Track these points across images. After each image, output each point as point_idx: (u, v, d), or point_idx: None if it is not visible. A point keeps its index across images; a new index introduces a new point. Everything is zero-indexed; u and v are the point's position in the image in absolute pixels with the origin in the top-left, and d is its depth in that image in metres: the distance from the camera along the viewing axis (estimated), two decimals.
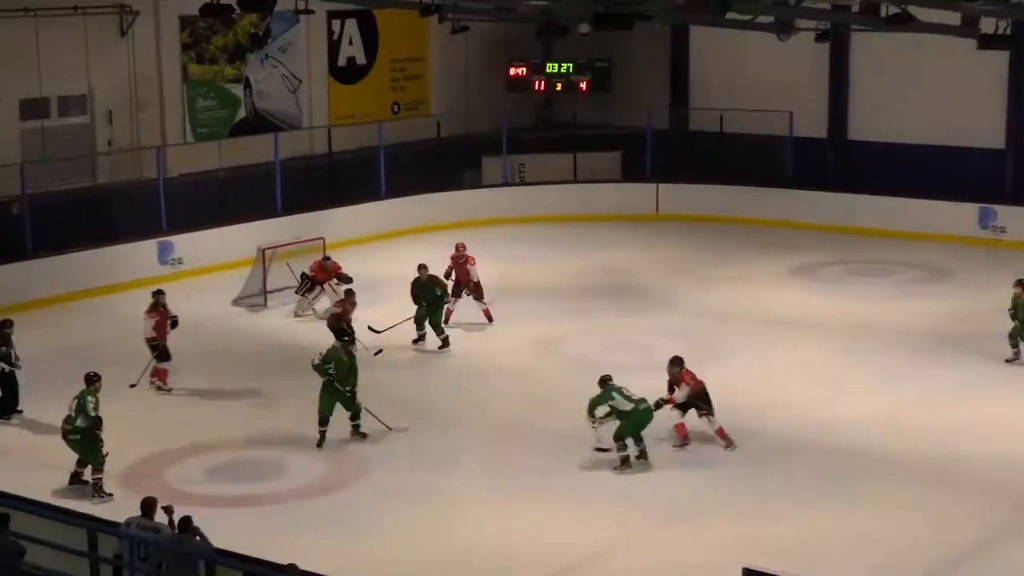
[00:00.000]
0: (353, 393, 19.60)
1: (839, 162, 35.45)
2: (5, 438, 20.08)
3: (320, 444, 19.38)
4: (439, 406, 21.42)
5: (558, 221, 33.31)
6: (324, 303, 26.27)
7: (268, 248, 27.42)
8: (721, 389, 21.51)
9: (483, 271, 25.85)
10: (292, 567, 12.61)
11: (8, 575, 13.03)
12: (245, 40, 33.10)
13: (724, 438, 19.32)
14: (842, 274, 29.48)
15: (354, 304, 23.56)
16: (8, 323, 21.23)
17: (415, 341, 24.58)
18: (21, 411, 20.96)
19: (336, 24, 35.25)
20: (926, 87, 33.95)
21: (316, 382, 21.01)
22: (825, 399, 21.39)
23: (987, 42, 24.35)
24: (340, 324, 23.12)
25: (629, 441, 18.64)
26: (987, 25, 24.31)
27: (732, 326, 25.46)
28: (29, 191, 27.45)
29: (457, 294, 25.12)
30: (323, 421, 19.44)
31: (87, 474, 17.93)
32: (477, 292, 25.34)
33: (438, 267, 25.25)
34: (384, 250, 31.38)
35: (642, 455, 18.79)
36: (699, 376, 19.53)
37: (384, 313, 24.74)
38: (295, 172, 31.97)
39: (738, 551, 14.13)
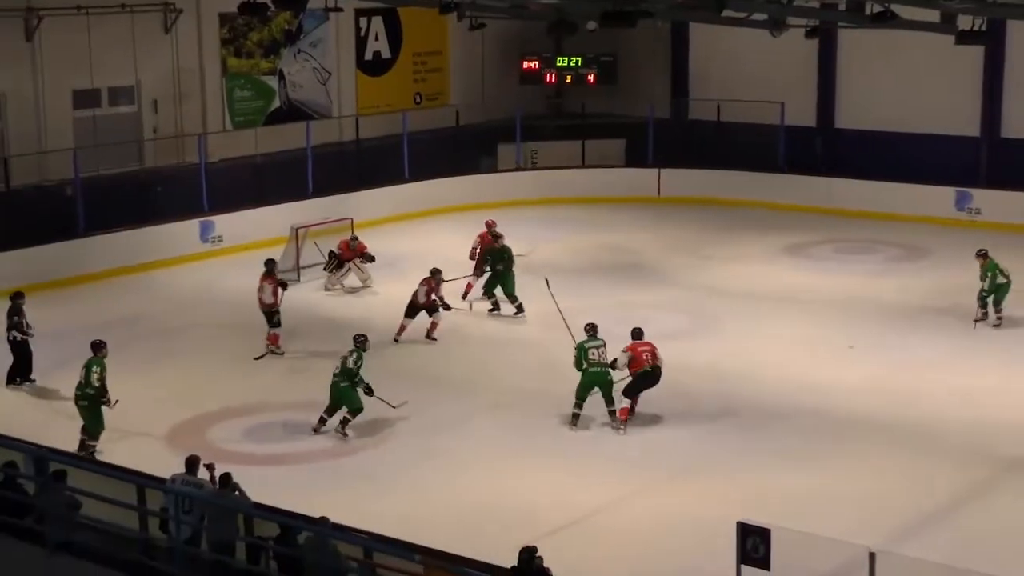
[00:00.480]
0: (369, 389, 18.99)
1: (827, 149, 35.41)
2: (59, 403, 20.16)
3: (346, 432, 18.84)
4: (456, 373, 21.46)
5: (567, 203, 33.32)
6: (352, 280, 26.35)
7: (301, 227, 27.49)
8: (718, 357, 21.75)
9: None
10: (323, 519, 12.69)
11: (65, 526, 13.13)
12: (279, 36, 33.11)
13: (624, 417, 18.82)
14: (830, 252, 29.48)
15: (440, 281, 23.32)
16: (20, 295, 21.19)
17: (490, 311, 24.71)
18: (33, 380, 20.84)
19: (363, 21, 35.23)
20: (907, 79, 33.91)
21: (344, 351, 21.10)
22: (815, 366, 21.42)
23: (964, 38, 24.32)
24: (432, 300, 23.03)
25: (597, 401, 18.86)
26: (964, 22, 24.29)
27: (729, 300, 25.45)
28: (81, 174, 27.52)
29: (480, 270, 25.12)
30: (358, 412, 18.83)
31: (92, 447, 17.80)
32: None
33: (466, 244, 25.44)
34: (407, 229, 31.42)
35: (611, 416, 18.86)
36: (658, 355, 18.96)
37: (408, 286, 24.80)
38: (325, 157, 32.00)
39: (732, 506, 14.18)
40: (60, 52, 28.55)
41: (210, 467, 13.95)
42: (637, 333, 19.33)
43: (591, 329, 19.27)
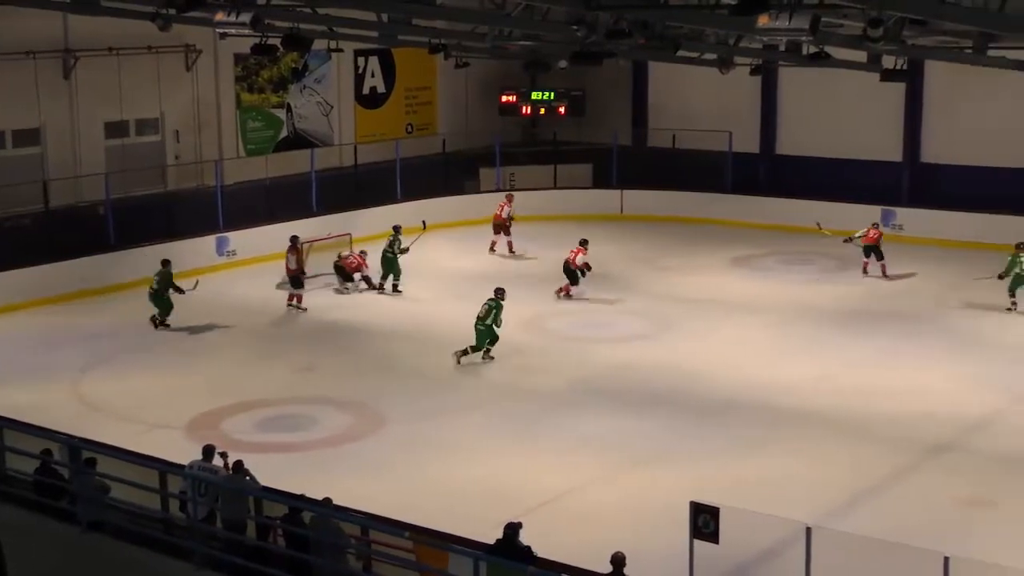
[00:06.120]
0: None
1: (769, 172, 35.45)
2: (92, 399, 20.05)
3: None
4: (443, 370, 21.36)
5: (541, 220, 33.18)
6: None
7: (305, 242, 27.34)
8: (674, 356, 21.73)
9: (480, 261, 25.82)
10: (327, 500, 12.61)
11: (96, 508, 13.03)
12: (287, 73, 32.93)
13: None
14: (772, 263, 29.46)
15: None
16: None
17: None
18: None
19: (361, 60, 35.14)
20: (839, 111, 33.96)
21: (345, 351, 21.10)
22: (762, 364, 21.36)
23: (888, 75, 24.42)
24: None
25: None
26: (888, 61, 24.38)
27: (684, 306, 25.40)
28: (112, 196, 27.42)
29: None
30: (495, 341, 21.54)
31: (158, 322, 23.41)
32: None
33: (452, 255, 25.21)
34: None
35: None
36: None
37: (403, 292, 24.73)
38: (327, 180, 31.91)
39: (685, 488, 14.13)
40: (93, 88, 28.40)
41: (224, 455, 13.86)
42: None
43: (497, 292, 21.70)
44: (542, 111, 37.52)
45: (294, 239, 25.85)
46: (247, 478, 13.40)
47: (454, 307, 24.97)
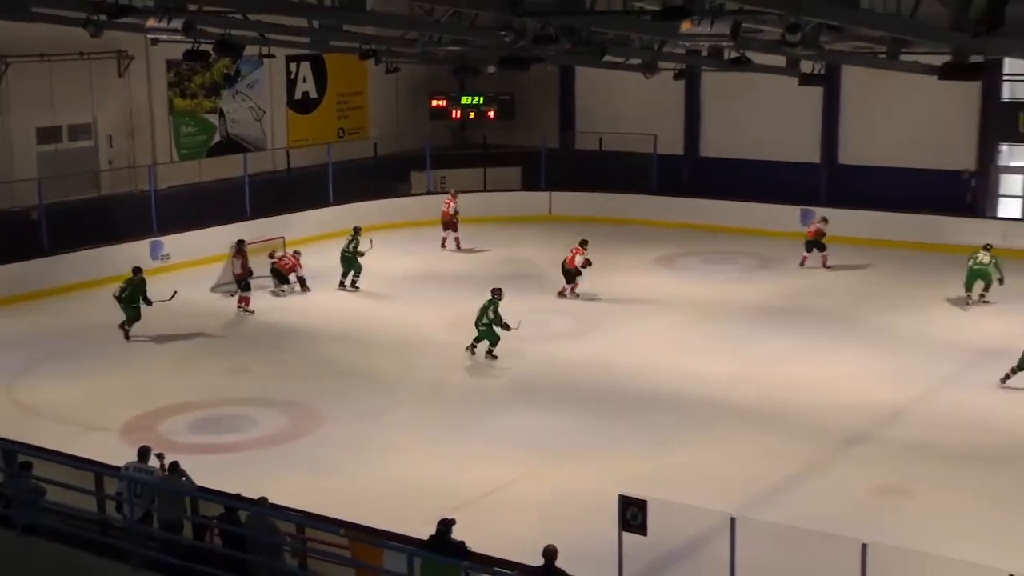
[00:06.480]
0: (506, 326, 21.55)
1: (693, 173, 35.79)
2: (29, 403, 19.84)
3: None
4: (380, 370, 21.37)
5: (471, 222, 33.18)
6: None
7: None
8: (601, 354, 21.87)
9: (412, 262, 25.76)
10: (263, 500, 12.59)
11: (31, 511, 12.93)
12: (220, 79, 32.79)
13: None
14: (695, 262, 29.73)
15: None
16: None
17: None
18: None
19: (293, 66, 35.02)
20: (760, 115, 34.36)
21: (283, 353, 20.99)
22: (684, 361, 21.56)
23: (806, 80, 24.84)
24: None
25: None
26: (806, 66, 24.78)
27: (610, 304, 25.61)
28: (45, 201, 27.07)
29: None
30: (496, 343, 21.63)
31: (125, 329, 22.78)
32: None
33: (383, 258, 25.15)
34: (332, 246, 31.11)
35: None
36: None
37: (332, 294, 24.63)
38: (260, 184, 31.77)
39: (615, 481, 14.23)
40: (25, 94, 28.08)
41: (160, 456, 13.80)
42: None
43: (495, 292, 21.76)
44: (472, 115, 37.65)
45: (240, 243, 25.77)
46: (183, 479, 13.36)
47: (389, 308, 25.01)
